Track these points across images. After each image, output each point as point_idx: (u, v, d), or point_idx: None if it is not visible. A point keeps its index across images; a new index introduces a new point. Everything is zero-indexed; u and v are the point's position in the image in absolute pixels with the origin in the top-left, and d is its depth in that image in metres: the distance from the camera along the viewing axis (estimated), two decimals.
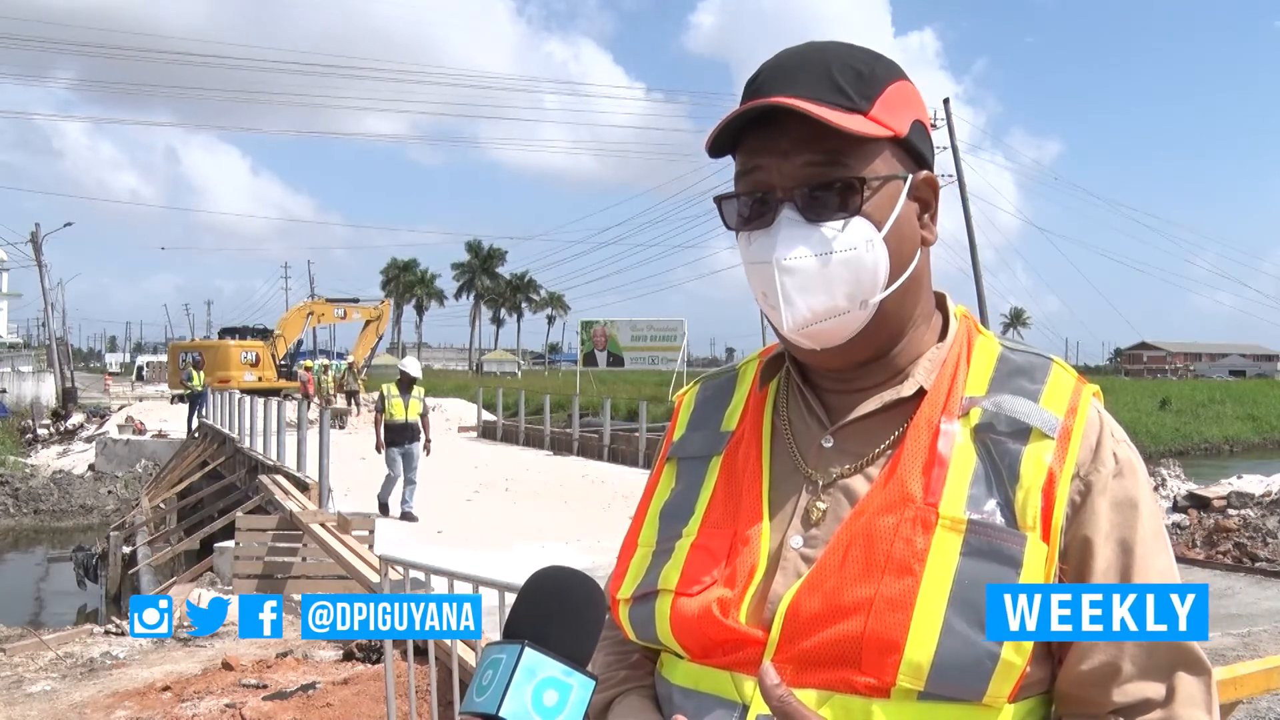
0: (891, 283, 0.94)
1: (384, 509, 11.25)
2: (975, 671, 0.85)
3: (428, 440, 11.72)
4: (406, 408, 11.30)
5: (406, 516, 11.04)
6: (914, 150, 0.97)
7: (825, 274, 0.92)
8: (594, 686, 0.73)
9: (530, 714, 0.70)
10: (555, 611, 0.76)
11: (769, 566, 0.94)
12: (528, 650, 0.71)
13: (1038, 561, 0.88)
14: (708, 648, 0.94)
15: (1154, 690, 0.89)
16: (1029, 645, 0.86)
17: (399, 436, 11.30)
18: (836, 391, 1.01)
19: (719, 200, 0.99)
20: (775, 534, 0.95)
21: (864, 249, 0.92)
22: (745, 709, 0.91)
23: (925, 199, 0.99)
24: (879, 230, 0.93)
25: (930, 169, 1.00)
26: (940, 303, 1.05)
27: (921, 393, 0.97)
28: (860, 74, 0.94)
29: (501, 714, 0.69)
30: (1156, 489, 12.42)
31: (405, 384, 11.35)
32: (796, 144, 0.92)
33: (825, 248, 0.92)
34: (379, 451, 11.48)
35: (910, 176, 0.96)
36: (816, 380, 1.02)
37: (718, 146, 0.97)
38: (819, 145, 0.92)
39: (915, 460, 0.92)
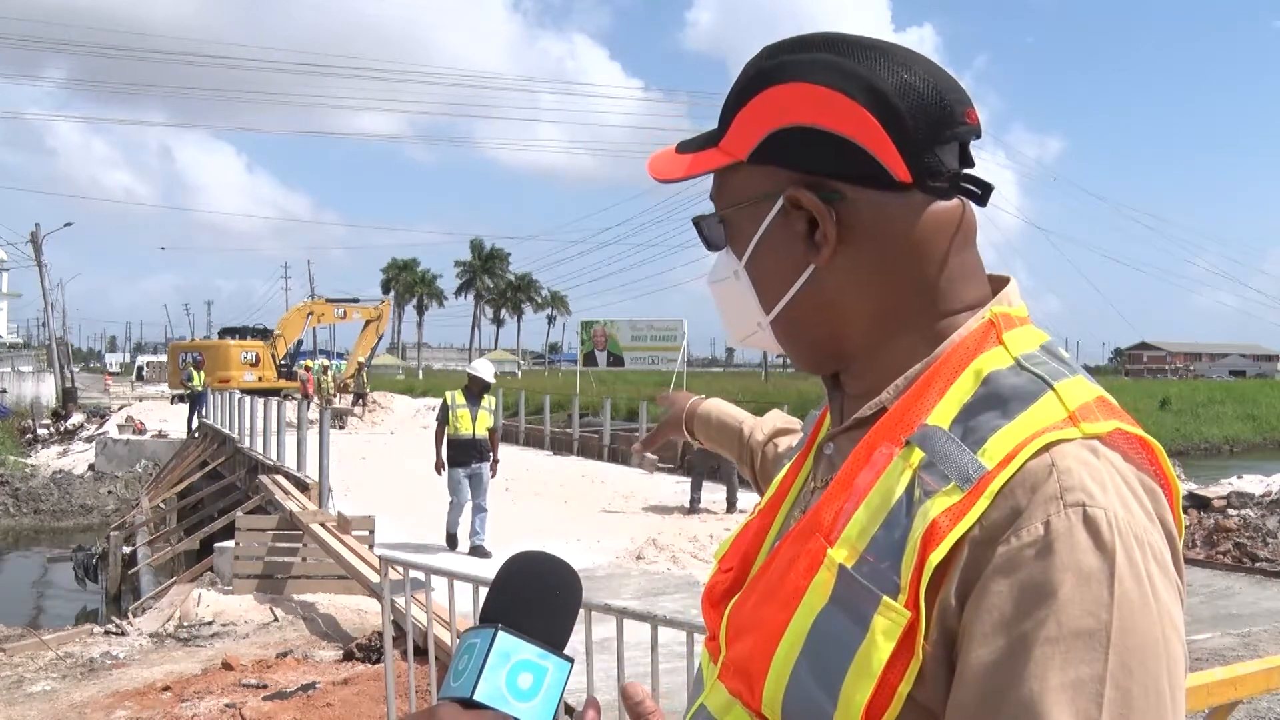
0: (772, 306, 0.92)
1: (452, 541, 9.62)
2: None
3: (495, 460, 9.84)
4: (475, 421, 9.53)
5: (477, 551, 9.32)
6: (790, 161, 0.86)
7: (723, 298, 0.98)
8: (569, 669, 0.74)
9: (505, 697, 0.70)
10: (531, 595, 0.76)
11: (761, 564, 0.96)
12: (501, 634, 0.71)
13: (889, 629, 0.75)
14: (708, 628, 0.98)
15: None
16: (857, 710, 0.75)
17: (465, 455, 9.51)
18: (850, 395, 0.95)
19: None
20: (780, 535, 0.96)
21: (732, 279, 0.95)
22: (703, 691, 0.94)
23: (808, 211, 0.86)
24: (739, 259, 0.94)
25: (836, 173, 0.85)
26: (990, 298, 0.90)
27: (882, 413, 0.87)
28: (732, 94, 0.91)
29: (475, 698, 0.69)
30: None
31: (474, 392, 9.55)
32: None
33: (716, 276, 0.98)
34: (439, 473, 9.64)
35: (781, 195, 0.87)
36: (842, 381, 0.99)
37: None
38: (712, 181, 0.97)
39: (841, 488, 0.84)
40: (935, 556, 0.74)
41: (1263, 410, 39.83)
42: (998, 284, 0.91)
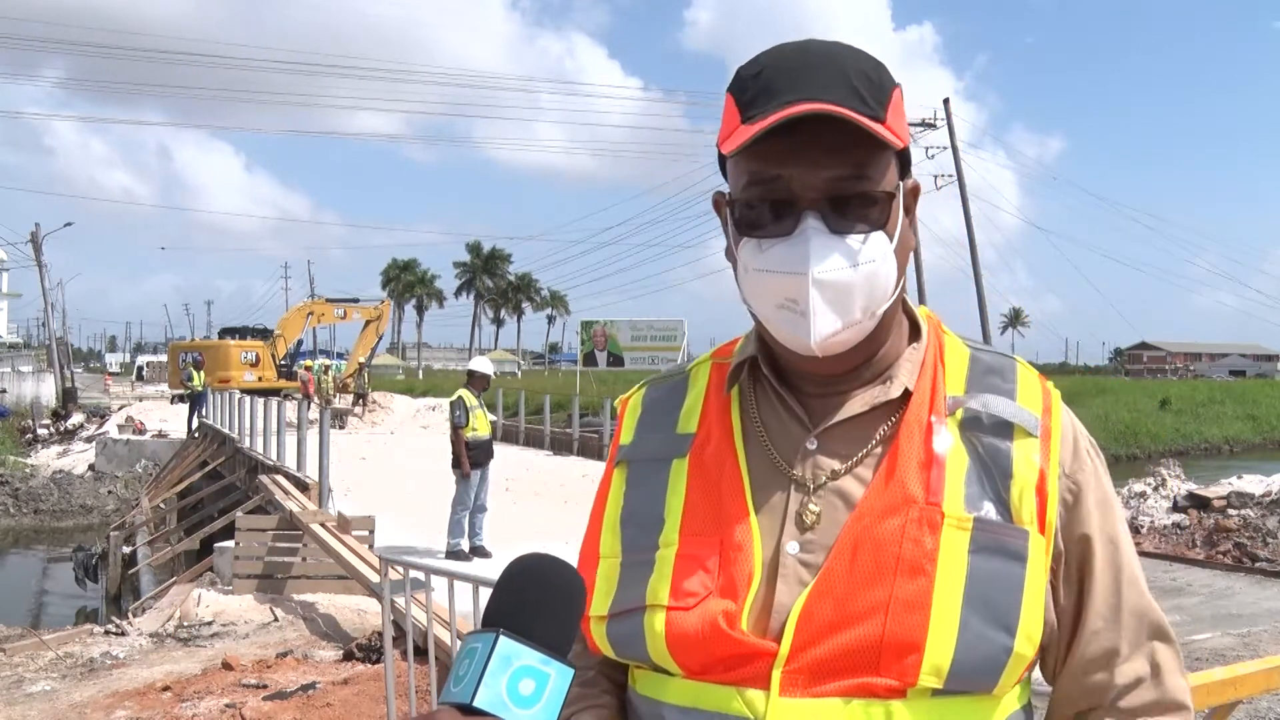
0: (896, 290, 0.96)
1: (460, 554, 9.03)
2: (992, 666, 0.89)
3: None
4: (486, 419, 9.41)
5: (478, 551, 9.16)
6: (906, 158, 0.98)
7: (852, 287, 0.92)
8: (573, 675, 0.72)
9: (505, 704, 0.68)
10: (533, 599, 0.74)
11: (766, 574, 0.91)
12: (503, 638, 0.70)
13: (1040, 555, 0.92)
14: (709, 663, 0.91)
15: (1143, 667, 0.97)
16: (1039, 636, 0.91)
17: (484, 456, 9.24)
18: (818, 394, 0.99)
19: (732, 202, 0.96)
20: (768, 540, 0.93)
21: (882, 261, 0.93)
22: None
23: (910, 206, 1.00)
24: (891, 242, 0.94)
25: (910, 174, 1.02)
26: (904, 304, 1.05)
27: (907, 394, 0.97)
28: (871, 79, 0.93)
29: (476, 704, 0.68)
30: (1156, 489, 12.42)
31: (478, 390, 9.31)
32: (826, 152, 0.90)
33: (854, 260, 0.91)
34: (467, 476, 9.10)
35: (902, 185, 0.97)
36: (796, 383, 1.00)
37: (733, 146, 0.93)
38: (848, 155, 0.90)
39: (911, 461, 0.93)
40: (1053, 491, 0.94)
41: (1263, 410, 39.80)
42: None
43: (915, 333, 1.03)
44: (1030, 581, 0.91)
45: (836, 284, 0.91)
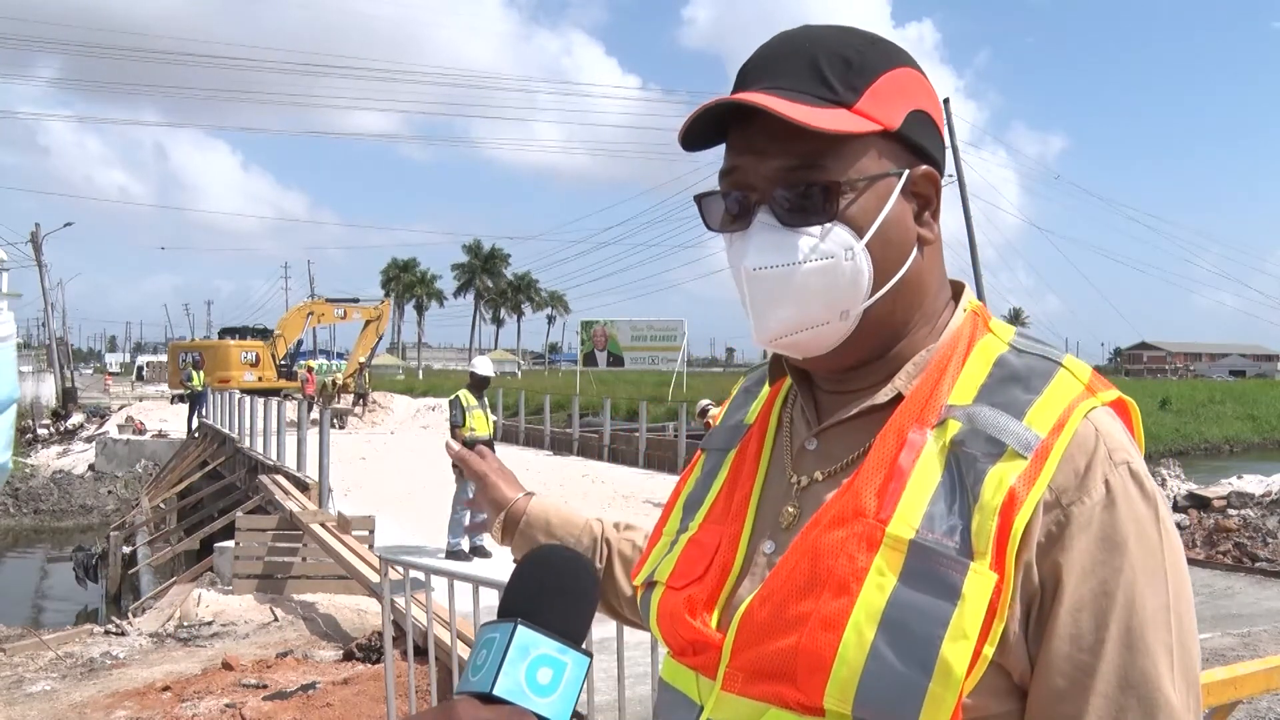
0: (877, 290, 0.88)
1: (460, 554, 9.14)
2: (902, 699, 0.79)
3: None
4: (487, 420, 9.45)
5: (478, 550, 9.22)
6: (911, 143, 0.90)
7: (798, 284, 0.86)
8: (589, 664, 0.73)
9: (524, 692, 0.69)
10: (549, 589, 0.75)
11: (742, 569, 0.92)
12: (520, 628, 0.71)
13: (981, 592, 0.79)
14: (682, 645, 0.93)
15: None
16: (959, 678, 0.78)
17: None
18: (830, 392, 0.97)
19: (699, 199, 0.94)
20: (756, 536, 0.93)
21: (843, 257, 0.86)
22: (700, 710, 0.89)
23: (925, 195, 0.92)
24: (861, 236, 0.87)
25: (934, 162, 0.92)
26: (957, 295, 0.97)
27: (900, 399, 0.90)
28: (849, 62, 0.87)
29: (495, 692, 0.69)
30: None
31: (479, 390, 9.42)
32: (773, 143, 0.86)
33: (799, 256, 0.86)
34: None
35: (906, 173, 0.89)
36: (814, 379, 0.99)
37: (698, 140, 0.91)
38: (796, 144, 0.85)
39: (876, 472, 0.86)
40: (1020, 519, 0.80)
41: (1263, 410, 39.81)
42: (955, 286, 0.98)
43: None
44: (961, 619, 0.78)
45: (776, 280, 0.87)
